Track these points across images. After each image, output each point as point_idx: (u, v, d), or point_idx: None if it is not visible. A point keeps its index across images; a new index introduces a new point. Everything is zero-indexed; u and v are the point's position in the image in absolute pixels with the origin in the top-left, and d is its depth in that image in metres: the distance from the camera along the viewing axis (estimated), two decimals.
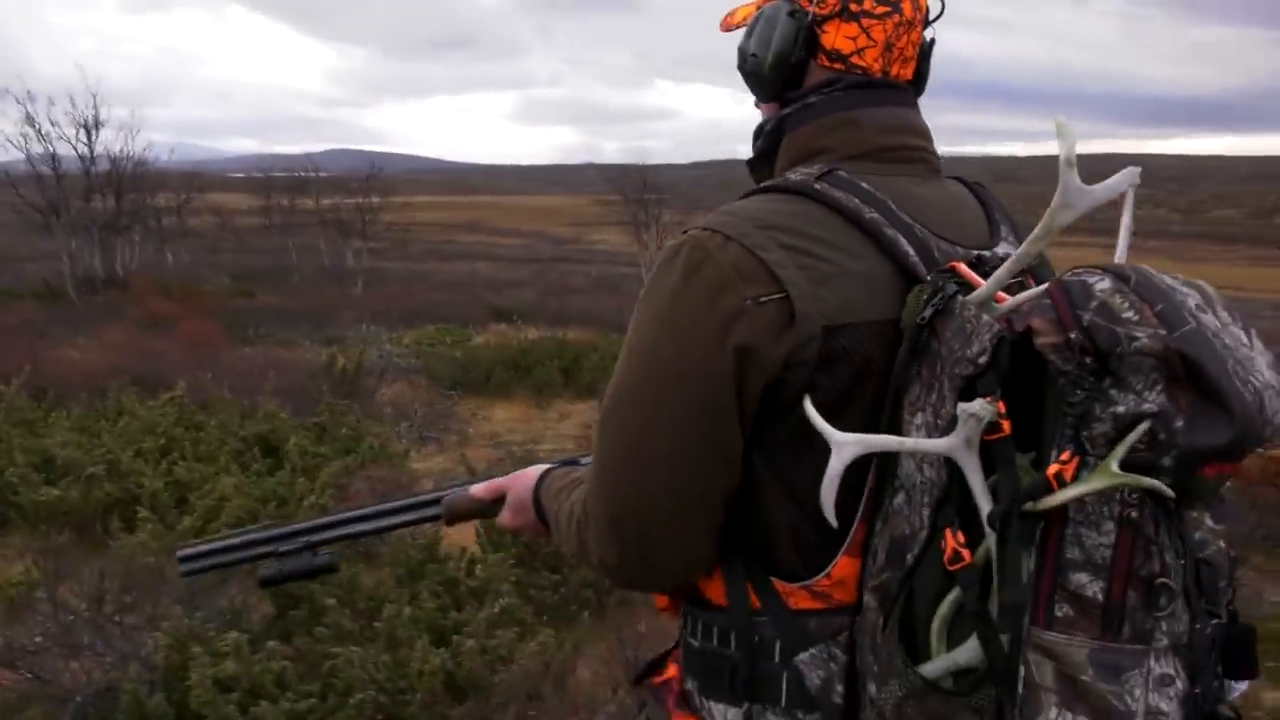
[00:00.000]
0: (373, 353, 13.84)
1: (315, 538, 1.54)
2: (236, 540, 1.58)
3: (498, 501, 1.46)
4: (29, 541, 5.97)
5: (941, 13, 1.26)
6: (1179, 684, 0.95)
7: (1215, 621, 0.99)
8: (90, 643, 3.80)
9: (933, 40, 1.27)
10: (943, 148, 1.31)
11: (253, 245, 41.23)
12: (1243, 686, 1.04)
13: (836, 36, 1.21)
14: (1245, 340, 0.97)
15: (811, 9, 1.21)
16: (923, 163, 1.24)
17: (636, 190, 41.97)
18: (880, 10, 1.20)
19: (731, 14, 1.33)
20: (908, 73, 1.25)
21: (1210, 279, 1.06)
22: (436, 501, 1.53)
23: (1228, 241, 68.18)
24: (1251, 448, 0.95)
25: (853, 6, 1.20)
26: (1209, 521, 1.02)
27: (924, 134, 1.25)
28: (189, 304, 20.63)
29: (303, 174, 39.53)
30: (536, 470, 1.41)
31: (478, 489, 1.49)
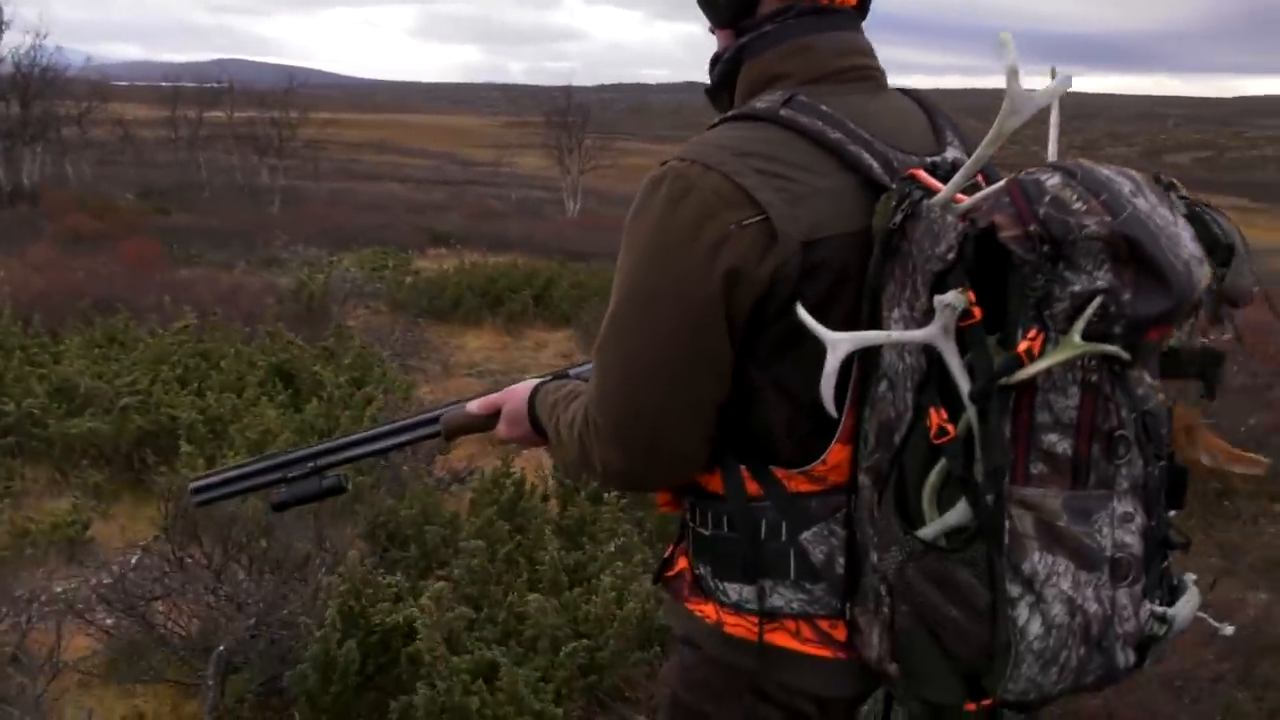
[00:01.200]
0: (333, 277, 13.38)
1: (321, 461, 1.60)
2: (247, 469, 1.64)
3: (493, 416, 1.54)
4: (55, 476, 5.66)
5: None
6: (1138, 519, 1.11)
7: (1161, 464, 1.15)
8: (213, 587, 3.61)
9: None
10: None
11: (155, 159, 39.28)
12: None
13: None
14: (1171, 218, 1.11)
15: None
16: (872, 80, 1.33)
17: (560, 113, 41.24)
18: None
19: None
20: None
21: None
22: (435, 420, 1.59)
23: None
24: (1185, 312, 1.11)
25: None
26: (1148, 379, 1.14)
27: (870, 53, 1.34)
28: (107, 221, 19.60)
29: (216, 85, 37.65)
30: (528, 384, 1.50)
31: (473, 405, 1.57)
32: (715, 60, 1.37)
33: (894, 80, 1.39)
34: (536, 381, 1.50)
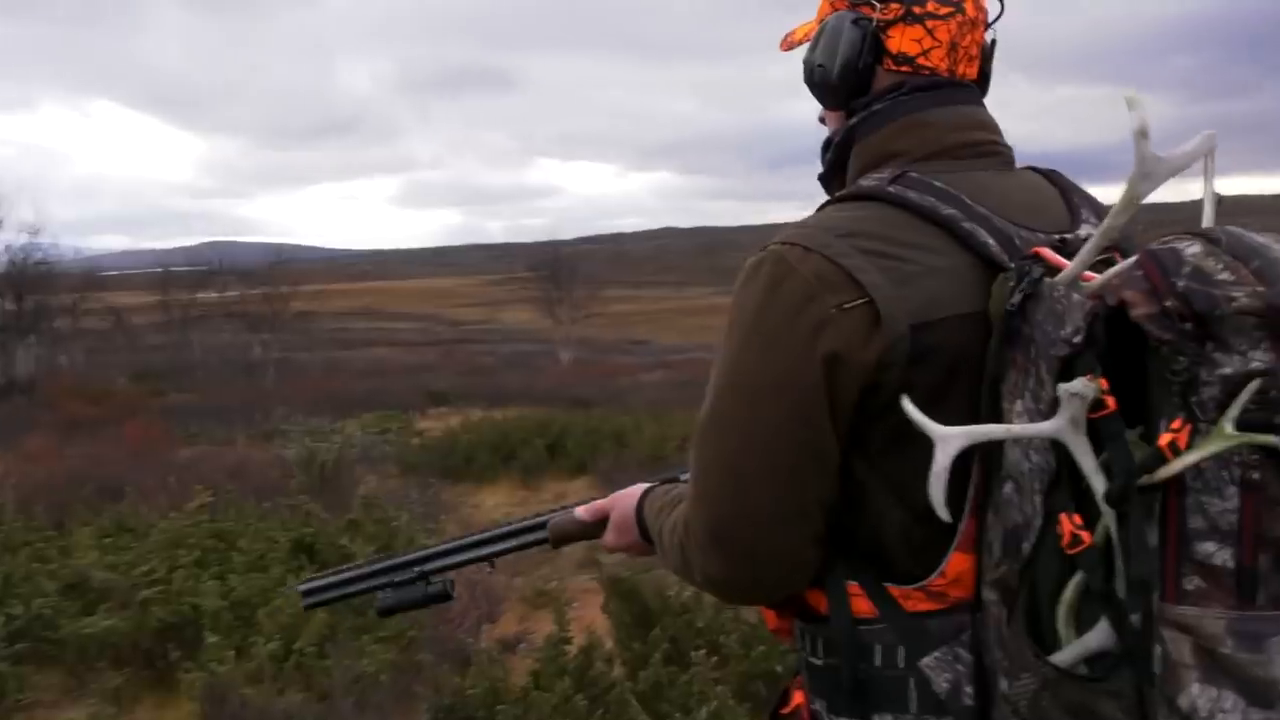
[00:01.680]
0: (335, 444, 13.08)
1: (428, 567, 1.59)
2: (353, 573, 1.64)
3: (601, 523, 1.48)
4: (70, 681, 5.20)
5: (1001, 13, 1.28)
6: None
7: None
8: None
9: (994, 41, 1.28)
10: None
11: (145, 342, 39.50)
12: None
13: (902, 40, 1.23)
14: None
15: (875, 15, 1.23)
16: (995, 155, 1.25)
17: (548, 266, 41.90)
18: (944, 11, 1.22)
19: (791, 33, 1.36)
20: (973, 71, 1.26)
21: None
22: (541, 526, 1.56)
23: None
24: None
25: (916, 9, 1.22)
26: None
27: (993, 128, 1.26)
28: (104, 405, 19.38)
29: (204, 268, 38.30)
30: (638, 489, 1.43)
31: (581, 511, 1.51)
32: (826, 146, 1.30)
33: None
34: (645, 486, 1.42)
